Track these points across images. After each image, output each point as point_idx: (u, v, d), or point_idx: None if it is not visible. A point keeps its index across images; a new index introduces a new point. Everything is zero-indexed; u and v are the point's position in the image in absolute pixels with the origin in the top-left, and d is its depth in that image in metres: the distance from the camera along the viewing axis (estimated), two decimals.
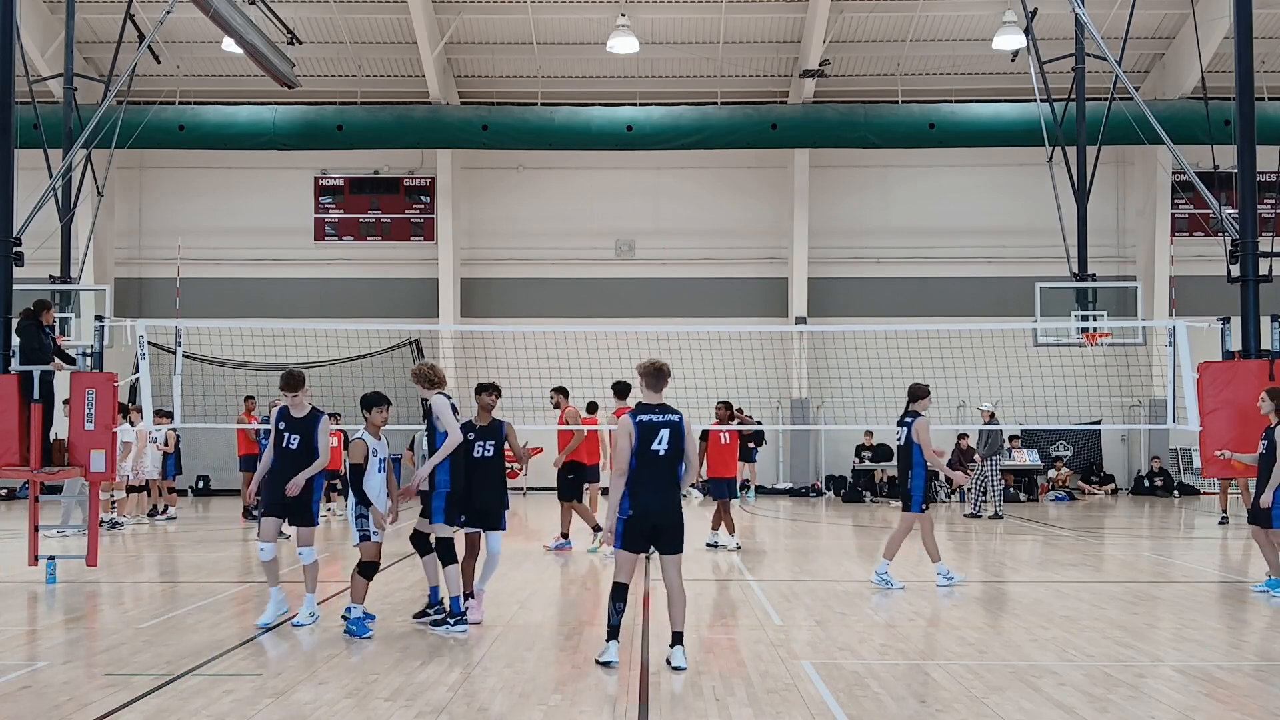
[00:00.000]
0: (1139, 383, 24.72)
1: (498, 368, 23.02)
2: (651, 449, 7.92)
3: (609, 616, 7.98)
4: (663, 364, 8.20)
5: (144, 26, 19.90)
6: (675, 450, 7.98)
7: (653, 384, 8.14)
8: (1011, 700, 7.04)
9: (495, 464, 9.97)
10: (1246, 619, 10.01)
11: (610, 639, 8.00)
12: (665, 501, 7.97)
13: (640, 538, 7.95)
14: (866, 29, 26.55)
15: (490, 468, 9.93)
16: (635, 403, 8.22)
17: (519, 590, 11.87)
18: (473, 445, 9.85)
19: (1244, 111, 13.54)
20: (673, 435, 7.97)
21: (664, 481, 7.97)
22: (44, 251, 17.84)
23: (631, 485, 7.94)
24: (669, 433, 7.96)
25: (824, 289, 28.06)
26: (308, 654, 8.48)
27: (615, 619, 7.99)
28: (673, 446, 7.97)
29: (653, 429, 7.96)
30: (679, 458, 8.02)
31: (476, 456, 9.87)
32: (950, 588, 11.81)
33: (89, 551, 12.30)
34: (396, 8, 25.49)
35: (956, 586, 11.83)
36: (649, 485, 7.93)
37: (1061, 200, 19.84)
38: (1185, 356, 14.45)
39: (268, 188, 28.63)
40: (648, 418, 8.00)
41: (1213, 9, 22.78)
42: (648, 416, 8.00)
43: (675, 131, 25.22)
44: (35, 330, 12.42)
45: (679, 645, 7.92)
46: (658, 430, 7.95)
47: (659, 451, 7.93)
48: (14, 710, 6.82)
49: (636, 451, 7.92)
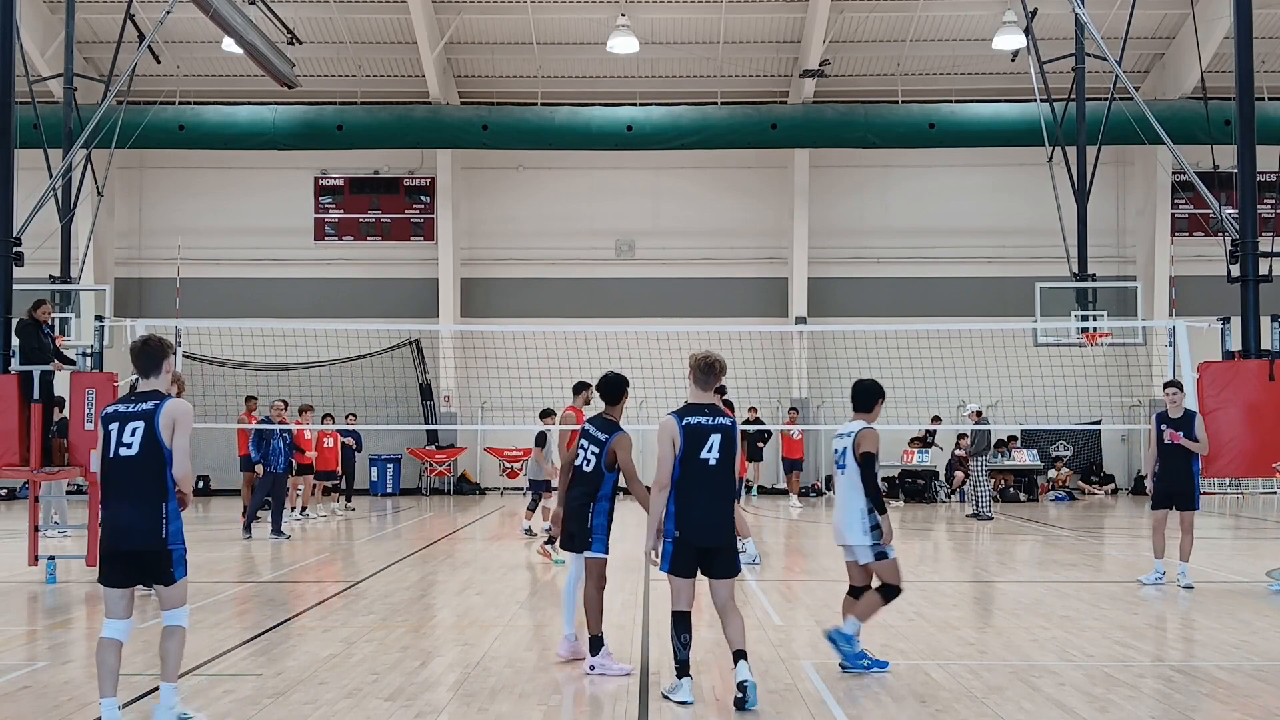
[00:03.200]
0: (1139, 383, 24.72)
1: (498, 368, 23.12)
2: (700, 458, 6.79)
3: (675, 651, 6.92)
4: (715, 357, 7.03)
5: (144, 26, 19.90)
6: (727, 459, 6.86)
7: (702, 380, 7.01)
8: (1011, 700, 7.03)
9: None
10: (1246, 619, 10.01)
11: (681, 675, 6.92)
12: (719, 521, 6.85)
13: (690, 560, 6.88)
14: (866, 29, 26.55)
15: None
16: (684, 403, 7.14)
17: (519, 590, 11.87)
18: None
19: (1244, 111, 13.54)
20: (724, 441, 6.84)
21: (716, 497, 6.84)
22: (44, 251, 17.87)
23: (679, 501, 6.82)
24: (720, 439, 6.82)
25: (824, 289, 28.06)
26: (308, 654, 8.47)
27: (683, 652, 6.90)
28: (724, 454, 6.84)
29: (701, 434, 6.81)
30: (731, 467, 6.91)
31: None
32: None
33: (89, 551, 12.30)
34: (396, 8, 25.50)
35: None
36: (699, 502, 6.80)
37: (1061, 200, 19.85)
38: (1185, 356, 14.46)
39: (268, 188, 28.64)
40: (696, 420, 6.84)
41: (1213, 9, 22.78)
42: (696, 419, 6.85)
43: (675, 131, 25.23)
44: (34, 330, 12.43)
45: (743, 660, 6.81)
46: (707, 436, 6.81)
47: (709, 461, 6.79)
48: (14, 710, 6.82)
49: (682, 460, 6.79)
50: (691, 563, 6.89)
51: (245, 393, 20.75)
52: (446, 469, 27.99)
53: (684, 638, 6.90)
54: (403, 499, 26.33)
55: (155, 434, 6.13)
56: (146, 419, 6.15)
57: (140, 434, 6.13)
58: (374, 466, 26.85)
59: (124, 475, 6.15)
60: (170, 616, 6.28)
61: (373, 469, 26.84)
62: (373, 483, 26.82)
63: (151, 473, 6.12)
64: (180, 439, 6.18)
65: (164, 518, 6.12)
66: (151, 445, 6.13)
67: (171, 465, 6.15)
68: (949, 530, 19.37)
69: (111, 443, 6.19)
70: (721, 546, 6.89)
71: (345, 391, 24.45)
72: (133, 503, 6.12)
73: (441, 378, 27.23)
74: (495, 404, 25.38)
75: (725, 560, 6.92)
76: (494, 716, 6.69)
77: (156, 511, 6.11)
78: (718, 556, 6.90)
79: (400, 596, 11.31)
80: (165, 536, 6.12)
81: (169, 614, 6.28)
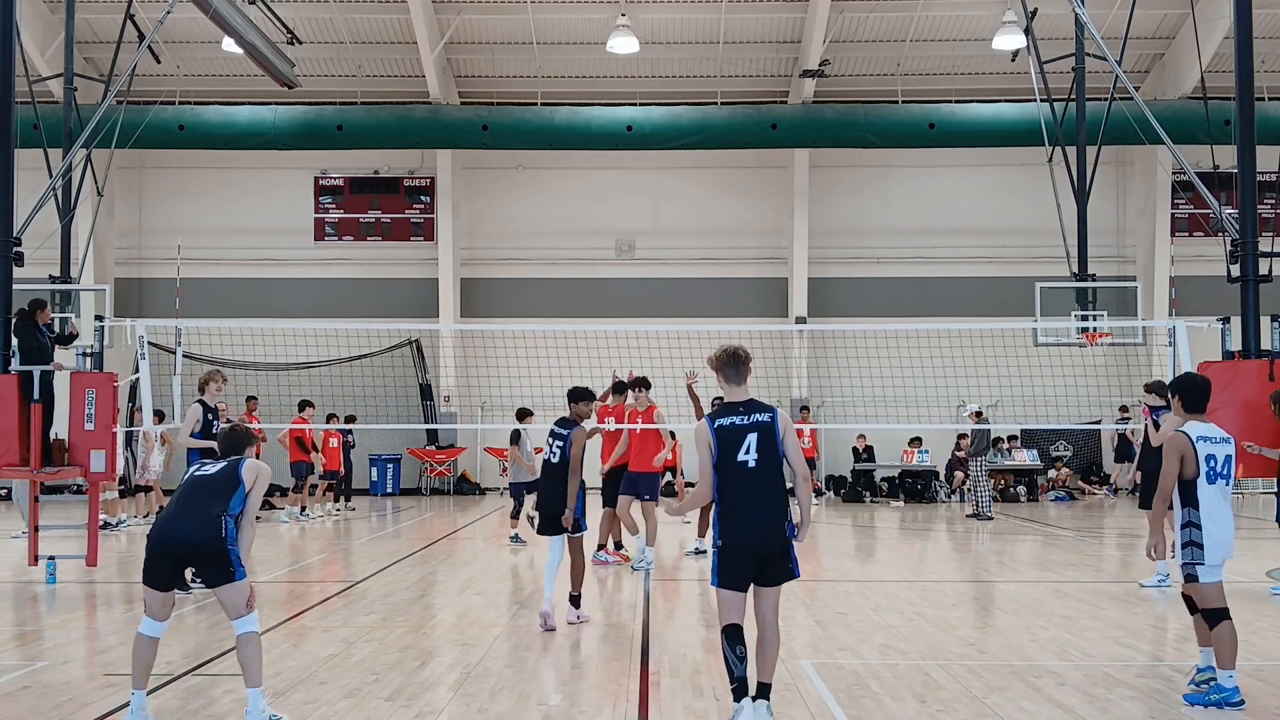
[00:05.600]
0: (1139, 383, 24.66)
1: (498, 368, 23.08)
2: (737, 461, 6.29)
3: (732, 667, 6.24)
4: (738, 348, 6.54)
5: (144, 26, 19.89)
6: (770, 458, 6.31)
7: (731, 375, 6.50)
8: (1011, 700, 7.04)
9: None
10: (1246, 619, 10.00)
11: (739, 696, 6.21)
12: (769, 525, 6.29)
13: (741, 571, 6.31)
14: (866, 29, 26.55)
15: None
16: (716, 403, 7.00)
17: (519, 590, 11.87)
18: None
19: (1244, 111, 13.53)
20: (762, 439, 6.30)
21: (763, 499, 6.30)
22: (44, 251, 17.83)
23: (723, 509, 6.35)
24: (756, 437, 6.30)
25: (824, 289, 28.06)
26: (308, 654, 8.47)
27: (740, 669, 6.21)
28: (765, 454, 6.30)
29: (736, 435, 6.32)
30: (777, 466, 6.34)
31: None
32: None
33: (89, 551, 12.30)
34: (396, 8, 25.50)
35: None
36: (743, 507, 6.29)
37: (1061, 200, 19.84)
38: (1185, 356, 14.44)
39: (268, 188, 28.64)
40: (729, 420, 6.37)
41: (1213, 9, 22.78)
42: (729, 419, 6.37)
43: (675, 131, 25.23)
44: (32, 330, 12.41)
45: (763, 699, 6.25)
46: (742, 436, 6.30)
47: (747, 463, 6.28)
48: (14, 710, 6.82)
49: (718, 465, 6.33)
50: (742, 574, 6.32)
51: (245, 393, 20.74)
52: (446, 469, 27.98)
53: (739, 650, 6.23)
54: (403, 499, 26.34)
55: (237, 471, 6.60)
56: (233, 463, 6.70)
57: (221, 466, 6.66)
58: (374, 466, 26.86)
59: (197, 489, 6.58)
60: (240, 625, 6.41)
61: (373, 469, 26.84)
62: (373, 483, 26.82)
63: (223, 492, 6.51)
64: (256, 494, 6.61)
65: (223, 524, 6.41)
66: (231, 478, 6.58)
67: (242, 502, 6.55)
68: (949, 530, 19.38)
69: (192, 467, 6.80)
70: (775, 552, 6.34)
71: (345, 391, 24.45)
72: (200, 506, 6.48)
73: (441, 378, 27.23)
74: (495, 404, 25.35)
75: (779, 568, 6.38)
76: (494, 716, 6.69)
77: (218, 518, 6.41)
78: (771, 564, 6.35)
79: (400, 596, 11.31)
80: (224, 536, 6.38)
81: (238, 622, 6.42)
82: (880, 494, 26.35)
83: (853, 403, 24.49)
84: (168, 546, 6.39)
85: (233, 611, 6.42)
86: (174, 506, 6.58)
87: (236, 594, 6.37)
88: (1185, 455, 6.99)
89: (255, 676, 6.35)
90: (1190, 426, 7.12)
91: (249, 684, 6.36)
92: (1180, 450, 6.99)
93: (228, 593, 6.38)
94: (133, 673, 6.40)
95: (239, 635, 6.41)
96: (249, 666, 6.35)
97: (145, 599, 6.44)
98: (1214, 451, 7.03)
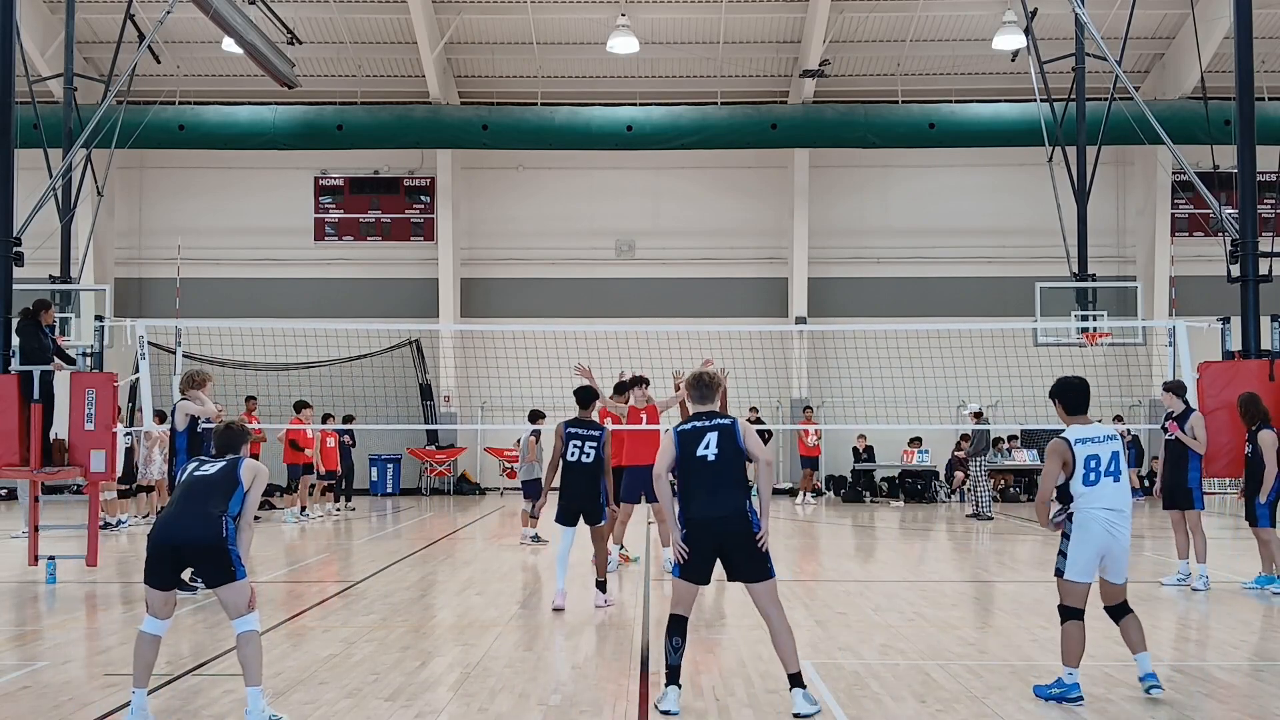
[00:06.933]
0: (1139, 383, 24.70)
1: (498, 368, 23.07)
2: (697, 455, 6.82)
3: (666, 655, 6.74)
4: (704, 372, 7.21)
5: (144, 26, 19.89)
6: (729, 453, 6.81)
7: (696, 396, 7.16)
8: (1011, 700, 7.03)
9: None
10: (1246, 619, 10.01)
11: (669, 683, 6.69)
12: (729, 507, 6.71)
13: (701, 560, 6.76)
14: (866, 29, 26.55)
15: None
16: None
17: (519, 590, 11.87)
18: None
19: (1244, 111, 13.53)
20: (722, 437, 6.83)
21: (723, 484, 6.78)
22: (44, 251, 17.84)
23: (681, 500, 6.88)
24: (717, 435, 6.84)
25: (824, 289, 28.06)
26: (308, 654, 8.47)
27: (674, 658, 6.69)
28: (724, 448, 6.81)
29: (696, 435, 6.90)
30: (736, 460, 6.84)
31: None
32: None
33: (89, 551, 12.30)
34: (396, 8, 25.50)
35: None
36: (702, 492, 6.79)
37: (1061, 200, 19.84)
38: (1185, 356, 14.44)
39: (268, 188, 28.64)
40: (690, 425, 6.98)
41: (1213, 9, 22.78)
42: (690, 425, 6.99)
43: (675, 131, 25.23)
44: (34, 330, 12.41)
45: (799, 687, 6.60)
46: (702, 435, 6.88)
47: (706, 457, 6.80)
48: (14, 710, 6.82)
49: (679, 459, 6.87)
50: (703, 564, 6.73)
51: (245, 393, 20.76)
52: (446, 469, 27.98)
53: (675, 641, 6.68)
54: (403, 499, 26.34)
55: (236, 472, 6.60)
56: (231, 463, 6.70)
57: (220, 465, 6.67)
58: (374, 466, 26.86)
59: (196, 489, 6.57)
60: (241, 624, 6.41)
61: (373, 469, 26.84)
62: (373, 483, 26.82)
63: (222, 492, 6.53)
64: (254, 494, 6.64)
65: (224, 523, 6.42)
66: (229, 478, 6.58)
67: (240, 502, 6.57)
68: (949, 530, 19.38)
69: (190, 466, 6.76)
70: (734, 534, 6.67)
71: (345, 391, 24.45)
72: (200, 505, 6.48)
73: (441, 378, 27.22)
74: (495, 404, 25.36)
75: (750, 560, 6.71)
76: (494, 716, 6.69)
77: (219, 518, 6.42)
78: (734, 551, 6.71)
79: (400, 596, 11.31)
80: (225, 536, 6.38)
81: (239, 622, 6.42)
82: (880, 494, 26.36)
83: (853, 403, 24.51)
84: (168, 546, 6.41)
85: (233, 611, 6.42)
86: (174, 506, 6.60)
87: (237, 594, 6.37)
88: (1065, 460, 7.08)
89: (255, 676, 6.36)
90: (1070, 430, 7.19)
91: (249, 684, 6.35)
92: (1060, 455, 7.09)
93: (228, 592, 6.38)
94: (134, 671, 6.40)
95: (239, 635, 6.41)
96: (249, 666, 6.36)
97: (147, 598, 6.46)
98: (1097, 451, 7.10)
